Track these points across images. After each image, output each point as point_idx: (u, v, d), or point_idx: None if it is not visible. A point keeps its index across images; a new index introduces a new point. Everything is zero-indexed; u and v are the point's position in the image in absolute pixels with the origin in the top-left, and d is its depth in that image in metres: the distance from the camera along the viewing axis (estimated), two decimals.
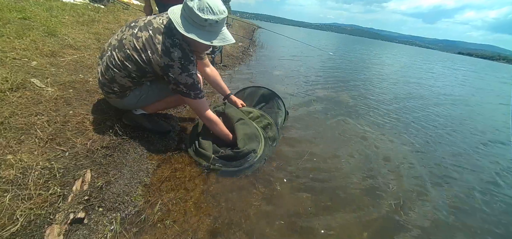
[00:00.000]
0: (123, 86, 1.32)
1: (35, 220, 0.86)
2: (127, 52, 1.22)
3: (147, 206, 1.09)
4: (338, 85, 4.35)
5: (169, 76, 1.22)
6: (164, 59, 1.18)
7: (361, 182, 1.58)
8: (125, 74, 1.26)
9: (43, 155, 1.07)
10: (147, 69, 1.25)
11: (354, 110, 3.01)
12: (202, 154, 1.43)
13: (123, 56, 1.23)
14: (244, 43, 6.92)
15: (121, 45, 1.25)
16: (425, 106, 3.83)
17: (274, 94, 2.08)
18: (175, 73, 1.21)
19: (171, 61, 1.18)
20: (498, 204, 1.61)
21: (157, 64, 1.20)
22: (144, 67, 1.23)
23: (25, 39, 2.01)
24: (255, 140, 1.56)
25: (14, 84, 1.38)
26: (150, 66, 1.23)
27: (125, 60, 1.23)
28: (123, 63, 1.24)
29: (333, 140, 2.10)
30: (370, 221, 1.27)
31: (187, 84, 1.25)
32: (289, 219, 1.19)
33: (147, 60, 1.21)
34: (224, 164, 1.42)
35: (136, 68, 1.24)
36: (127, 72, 1.26)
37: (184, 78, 1.23)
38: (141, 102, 1.44)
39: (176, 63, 1.19)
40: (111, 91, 1.34)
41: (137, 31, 1.23)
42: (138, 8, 6.83)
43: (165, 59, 1.18)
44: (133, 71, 1.25)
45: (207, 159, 1.40)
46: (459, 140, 2.61)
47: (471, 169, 2.01)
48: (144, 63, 1.22)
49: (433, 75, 8.67)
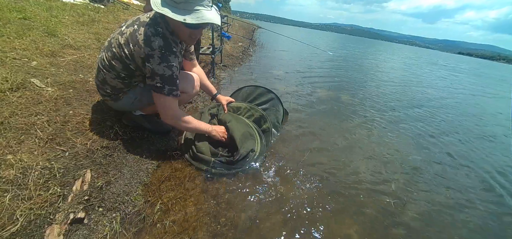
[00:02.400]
0: (115, 88, 1.29)
1: (35, 220, 0.86)
2: (113, 51, 1.19)
3: (147, 206, 1.09)
4: (338, 85, 4.35)
5: (146, 67, 1.15)
6: (144, 49, 1.12)
7: (362, 181, 1.58)
8: (114, 75, 1.24)
9: (43, 155, 1.07)
10: (131, 67, 1.20)
11: (354, 110, 3.01)
12: (200, 158, 1.39)
13: (110, 56, 1.20)
14: (244, 43, 6.92)
15: (109, 45, 1.22)
16: (427, 106, 3.83)
17: (271, 93, 2.06)
18: (154, 63, 1.13)
19: (152, 50, 1.12)
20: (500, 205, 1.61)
21: (139, 56, 1.15)
22: (128, 64, 1.19)
23: (25, 39, 2.01)
24: (250, 138, 1.54)
25: (14, 84, 1.38)
26: (133, 61, 1.18)
27: (112, 60, 1.20)
28: (110, 62, 1.21)
29: (334, 140, 2.10)
30: (370, 221, 1.27)
31: (163, 76, 1.15)
32: (289, 218, 1.19)
33: (130, 55, 1.16)
34: (225, 167, 1.40)
35: (122, 66, 1.21)
36: (115, 73, 1.23)
37: (162, 69, 1.14)
38: (136, 105, 1.42)
39: (156, 52, 1.12)
40: (105, 94, 1.33)
41: (124, 28, 1.19)
42: (138, 8, 6.83)
43: (145, 49, 1.12)
44: (120, 71, 1.22)
45: (207, 163, 1.38)
46: (462, 138, 2.61)
47: (473, 170, 2.01)
48: (127, 58, 1.18)
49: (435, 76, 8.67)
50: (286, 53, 7.61)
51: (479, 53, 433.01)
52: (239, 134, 1.50)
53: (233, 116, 1.66)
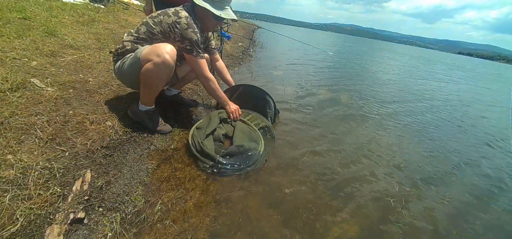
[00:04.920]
0: (124, 48, 1.46)
1: (35, 220, 0.86)
2: (143, 21, 1.47)
3: (147, 206, 1.09)
4: (338, 85, 4.35)
5: (175, 32, 1.42)
6: (172, 18, 1.42)
7: (362, 181, 1.58)
8: (134, 38, 1.45)
9: (43, 155, 1.07)
10: (155, 30, 1.44)
11: (355, 110, 3.01)
12: (207, 153, 1.42)
13: (138, 25, 1.48)
14: (244, 43, 6.92)
15: (137, 28, 1.48)
16: (428, 105, 3.83)
17: (264, 92, 2.06)
18: (181, 28, 1.41)
19: (179, 18, 1.41)
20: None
21: (166, 22, 1.42)
22: (154, 28, 1.44)
23: (25, 39, 2.01)
24: (253, 140, 1.62)
25: (14, 84, 1.38)
26: (159, 26, 1.44)
27: (140, 26, 1.46)
28: (137, 29, 1.47)
29: (334, 140, 2.10)
30: (370, 220, 1.26)
31: (192, 40, 1.44)
32: (290, 218, 1.18)
33: (158, 21, 1.44)
34: (230, 163, 1.43)
35: (146, 29, 1.45)
36: (136, 34, 1.45)
37: (190, 33, 1.42)
38: (124, 77, 1.51)
39: (182, 20, 1.41)
40: (114, 53, 1.51)
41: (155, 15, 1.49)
42: (138, 8, 6.84)
43: (173, 18, 1.42)
44: (142, 33, 1.45)
45: (213, 158, 1.41)
46: (465, 141, 2.61)
47: (475, 170, 2.01)
48: (155, 24, 1.44)
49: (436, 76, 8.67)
50: (286, 53, 7.61)
51: (479, 53, 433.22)
52: (242, 132, 1.59)
53: (241, 123, 1.79)
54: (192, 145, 1.49)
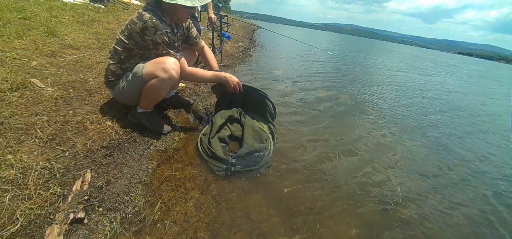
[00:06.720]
0: (114, 73, 1.44)
1: (35, 220, 0.86)
2: (116, 38, 1.41)
3: (147, 206, 1.09)
4: (338, 85, 4.35)
5: (146, 41, 1.34)
6: (138, 24, 1.31)
7: (362, 181, 1.58)
8: (116, 60, 1.41)
9: (43, 155, 1.07)
10: (129, 45, 1.37)
11: (355, 110, 3.01)
12: (219, 157, 1.43)
13: (114, 43, 1.41)
14: (244, 43, 6.92)
15: (114, 50, 1.42)
16: (428, 104, 3.83)
17: (262, 95, 2.02)
18: (150, 34, 1.32)
19: (144, 23, 1.30)
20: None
21: (135, 32, 1.33)
22: (127, 43, 1.36)
23: (25, 39, 2.01)
24: (263, 140, 1.68)
25: (14, 84, 1.38)
26: (131, 39, 1.36)
27: (116, 45, 1.40)
28: (114, 48, 1.41)
29: (334, 139, 2.10)
30: (370, 220, 1.27)
31: (165, 42, 1.36)
32: (290, 218, 1.18)
33: (128, 34, 1.35)
34: (243, 165, 1.44)
35: (122, 48, 1.38)
36: (117, 57, 1.40)
37: (159, 37, 1.33)
38: (124, 96, 1.48)
39: (148, 23, 1.30)
40: (107, 82, 1.48)
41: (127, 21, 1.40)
42: (138, 8, 6.83)
43: (139, 23, 1.31)
44: (121, 53, 1.39)
45: (226, 161, 1.42)
46: (466, 140, 2.61)
47: (476, 171, 2.01)
48: (127, 38, 1.36)
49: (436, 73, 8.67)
50: (286, 53, 7.60)
51: (479, 53, 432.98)
52: (251, 130, 1.69)
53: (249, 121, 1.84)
54: (203, 152, 1.50)
